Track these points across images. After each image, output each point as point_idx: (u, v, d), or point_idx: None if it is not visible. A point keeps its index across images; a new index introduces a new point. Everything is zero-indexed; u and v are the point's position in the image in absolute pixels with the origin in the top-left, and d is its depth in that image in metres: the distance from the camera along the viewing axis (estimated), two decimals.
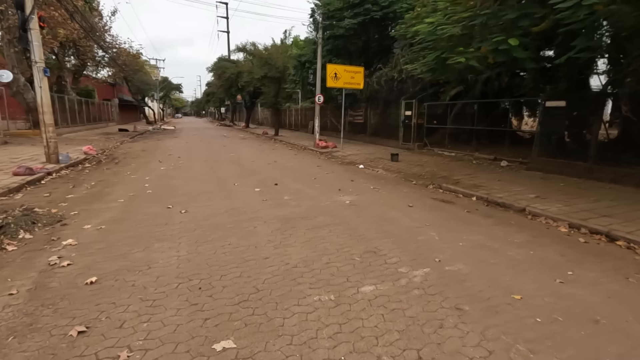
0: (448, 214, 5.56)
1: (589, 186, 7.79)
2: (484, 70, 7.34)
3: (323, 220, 4.83)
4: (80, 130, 23.78)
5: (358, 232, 4.37)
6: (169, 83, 51.03)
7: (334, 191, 6.79)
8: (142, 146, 15.76)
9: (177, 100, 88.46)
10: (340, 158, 12.97)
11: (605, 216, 5.51)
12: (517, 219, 5.53)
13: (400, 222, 4.87)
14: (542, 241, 4.45)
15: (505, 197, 6.67)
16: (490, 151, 12.69)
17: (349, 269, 3.29)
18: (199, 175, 8.30)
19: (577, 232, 5.04)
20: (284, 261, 3.43)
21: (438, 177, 8.90)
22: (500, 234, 4.66)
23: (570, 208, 5.96)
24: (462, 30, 6.66)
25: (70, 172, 9.17)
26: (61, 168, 9.43)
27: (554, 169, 9.25)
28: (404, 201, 6.22)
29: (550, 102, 9.46)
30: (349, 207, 5.62)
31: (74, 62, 25.53)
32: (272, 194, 6.34)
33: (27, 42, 9.43)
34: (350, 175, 9.08)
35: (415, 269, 3.34)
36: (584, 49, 5.28)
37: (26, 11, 9.24)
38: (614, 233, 4.77)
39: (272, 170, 9.20)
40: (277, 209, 5.33)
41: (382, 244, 3.98)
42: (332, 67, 14.52)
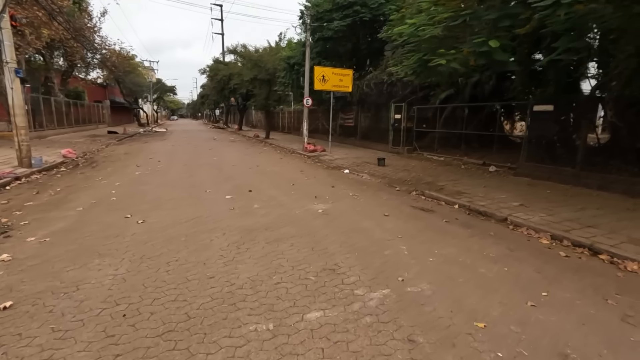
0: (425, 224, 5.26)
1: (576, 193, 7.53)
2: (466, 72, 7.07)
3: (288, 231, 4.52)
4: (67, 132, 23.37)
5: (322, 245, 4.06)
6: (163, 85, 50.63)
7: (310, 198, 6.48)
8: (127, 149, 15.40)
9: (173, 102, 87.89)
10: (326, 162, 12.67)
11: (590, 227, 5.23)
12: (498, 230, 5.24)
13: (370, 234, 4.56)
14: (520, 255, 4.15)
15: (487, 206, 6.39)
16: (480, 156, 12.43)
17: (300, 291, 2.97)
18: (173, 180, 7.97)
19: (559, 244, 4.76)
20: (230, 281, 3.11)
21: (422, 183, 8.62)
22: (476, 246, 4.36)
23: (554, 217, 5.68)
24: (442, 31, 6.39)
25: (41, 176, 8.81)
26: (32, 172, 9.08)
27: (542, 174, 9.00)
28: (381, 210, 5.92)
29: (537, 106, 9.21)
30: (320, 216, 5.32)
31: (62, 63, 25.10)
32: (242, 202, 6.02)
33: None
34: (332, 180, 8.78)
35: (374, 290, 3.03)
36: (567, 51, 5.02)
37: None
38: (597, 246, 4.49)
39: (251, 175, 8.88)
40: (242, 219, 5.02)
41: (345, 259, 3.67)
42: (319, 69, 14.25)
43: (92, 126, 30.44)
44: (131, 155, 13.11)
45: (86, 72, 27.55)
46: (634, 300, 3.10)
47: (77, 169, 10.00)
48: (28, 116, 18.32)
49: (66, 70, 25.52)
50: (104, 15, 25.43)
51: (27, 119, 18.18)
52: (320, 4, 15.95)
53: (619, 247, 4.43)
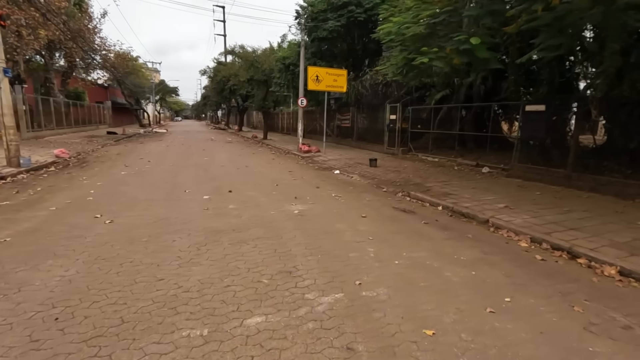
0: (401, 225, 5.12)
1: (566, 195, 7.34)
2: (455, 72, 6.92)
3: (255, 233, 4.40)
4: (66, 132, 23.47)
5: (286, 247, 3.94)
6: (165, 86, 50.86)
7: (290, 199, 6.36)
8: (121, 150, 15.39)
9: (176, 104, 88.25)
10: (319, 163, 12.56)
11: (573, 229, 5.06)
12: (477, 232, 5.09)
13: (340, 236, 4.43)
14: (493, 259, 4.00)
15: (471, 207, 6.23)
16: (475, 157, 12.24)
17: (248, 295, 2.85)
18: (156, 181, 7.89)
19: (538, 247, 4.60)
20: (178, 284, 3.00)
21: (411, 184, 8.48)
22: (448, 249, 4.21)
23: (538, 220, 5.51)
24: (425, 29, 6.26)
25: (27, 176, 8.78)
26: (19, 172, 9.05)
27: (534, 176, 8.81)
28: (360, 211, 5.79)
29: (529, 106, 9.02)
30: (294, 217, 5.19)
31: (62, 63, 25.26)
32: (219, 203, 5.92)
33: None
34: (319, 181, 8.66)
35: (326, 294, 2.90)
36: (548, 49, 4.86)
37: None
38: (576, 249, 4.32)
39: (237, 176, 8.79)
40: (212, 220, 4.91)
41: (305, 262, 3.54)
42: (313, 69, 14.15)
43: (93, 127, 30.60)
44: (123, 155, 13.09)
45: (86, 73, 27.68)
46: (602, 308, 2.94)
47: (66, 169, 9.97)
48: (25, 116, 18.52)
49: (66, 71, 25.68)
50: (104, 17, 25.64)
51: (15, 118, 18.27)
52: (315, 4, 15.89)
53: (598, 250, 4.26)
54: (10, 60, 18.50)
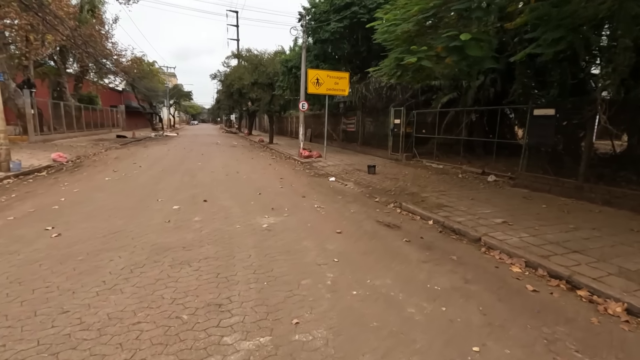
0: (378, 244, 4.57)
1: (575, 209, 6.60)
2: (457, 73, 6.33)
3: (206, 251, 3.95)
4: (76, 136, 23.78)
5: (232, 271, 3.46)
6: (179, 90, 51.53)
7: (265, 211, 5.90)
8: (121, 153, 15.34)
9: (192, 107, 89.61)
10: (316, 169, 12.07)
11: (577, 252, 4.39)
12: (465, 253, 4.49)
13: (302, 257, 3.92)
14: (473, 289, 3.41)
15: (464, 222, 5.61)
16: (483, 164, 11.49)
17: (154, 336, 2.38)
18: (134, 188, 7.57)
19: (533, 273, 3.97)
20: (82, 319, 2.57)
21: (406, 193, 7.89)
22: (423, 275, 3.64)
23: (537, 239, 4.85)
24: (414, 26, 5.71)
25: (14, 181, 8.64)
26: (7, 177, 8.93)
27: (542, 186, 8.06)
28: (337, 225, 5.26)
29: (538, 110, 8.29)
30: (259, 233, 4.72)
31: (75, 67, 25.73)
32: (186, 214, 5.50)
33: None
34: (308, 189, 8.17)
35: (250, 337, 2.40)
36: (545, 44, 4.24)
37: None
38: (576, 279, 3.67)
39: (222, 183, 8.38)
40: (167, 234, 4.49)
41: (244, 291, 3.06)
42: (313, 72, 13.71)
43: (105, 130, 31.06)
44: (120, 159, 12.96)
45: (99, 77, 28.14)
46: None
47: (56, 173, 9.82)
48: (34, 120, 18.80)
49: (78, 75, 26.15)
50: (115, 22, 26.02)
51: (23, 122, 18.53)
52: (318, 5, 15.48)
53: (603, 280, 3.61)
54: (21, 65, 18.93)
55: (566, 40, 4.03)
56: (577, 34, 4.13)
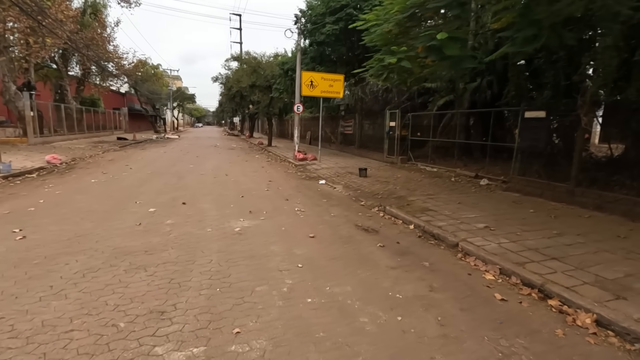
0: (349, 249, 4.43)
1: (564, 213, 6.40)
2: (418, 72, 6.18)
3: (168, 255, 3.85)
4: (77, 138, 23.95)
5: (187, 277, 3.36)
6: (182, 93, 51.86)
7: (243, 214, 5.79)
8: (117, 155, 15.37)
9: (197, 110, 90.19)
10: (309, 172, 11.97)
11: (555, 259, 4.22)
12: (440, 259, 4.34)
13: (265, 263, 3.81)
14: (437, 298, 3.27)
15: (445, 227, 5.46)
16: (478, 167, 11.31)
17: (83, 346, 2.28)
18: (117, 190, 7.52)
19: (506, 281, 3.82)
20: (14, 326, 2.47)
21: (393, 197, 7.74)
22: (387, 282, 3.51)
23: (517, 245, 4.69)
24: (394, 26, 5.59)
25: (1, 183, 8.64)
26: None
27: (534, 190, 7.87)
28: (313, 230, 5.14)
29: (529, 112, 8.11)
30: (229, 237, 4.61)
31: (77, 70, 25.97)
32: (160, 217, 5.41)
33: None
34: (294, 193, 8.06)
35: (184, 347, 2.29)
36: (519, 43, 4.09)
37: None
38: (549, 287, 3.51)
39: (207, 186, 8.30)
40: (133, 238, 4.40)
41: (193, 298, 2.95)
42: (307, 74, 13.64)
43: (107, 132, 31.29)
44: (114, 161, 12.98)
45: (101, 80, 28.36)
46: None
47: (46, 175, 9.83)
48: (34, 122, 18.95)
49: (80, 78, 26.39)
50: (117, 25, 26.27)
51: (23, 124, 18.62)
52: (314, 7, 15.44)
53: (576, 290, 3.44)
54: (21, 68, 19.15)
55: (540, 39, 3.88)
56: (553, 33, 3.97)
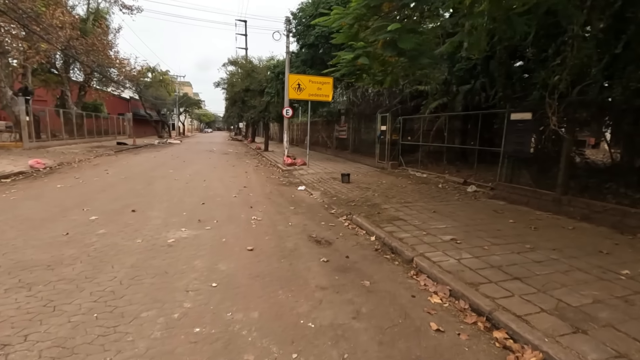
0: (285, 264, 3.95)
1: (547, 224, 5.80)
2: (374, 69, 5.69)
3: (68, 271, 3.43)
4: (76, 143, 24.04)
5: (70, 299, 2.93)
6: (189, 98, 52.23)
7: (190, 223, 5.37)
8: (105, 160, 15.22)
9: (205, 115, 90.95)
10: (292, 177, 11.54)
11: (518, 279, 3.66)
12: (385, 277, 3.83)
13: (175, 280, 3.36)
14: (357, 327, 2.76)
15: (407, 239, 4.93)
16: (470, 173, 10.71)
17: None
18: (74, 195, 7.18)
19: (453, 305, 3.29)
20: None
21: (367, 204, 7.23)
22: (306, 306, 3.02)
23: (479, 261, 4.13)
24: (351, 20, 5.14)
25: None
26: None
27: (520, 198, 7.26)
28: (257, 241, 4.69)
29: (514, 114, 7.53)
30: (156, 249, 4.18)
31: (78, 76, 26.20)
32: (95, 226, 5.01)
33: None
34: (264, 200, 7.62)
35: None
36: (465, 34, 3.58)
37: None
38: (498, 316, 2.97)
39: (173, 192, 7.88)
40: (47, 249, 4.00)
41: (54, 327, 2.52)
42: (294, 77, 13.26)
43: (110, 138, 31.47)
44: (98, 166, 12.79)
45: (103, 86, 28.60)
46: None
47: (21, 180, 9.61)
48: (29, 127, 19.05)
49: (82, 84, 26.62)
50: (118, 32, 26.50)
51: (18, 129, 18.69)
52: (304, 10, 15.12)
53: (530, 319, 2.89)
54: (16, 73, 19.33)
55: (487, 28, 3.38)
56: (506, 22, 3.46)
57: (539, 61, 7.89)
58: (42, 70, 22.20)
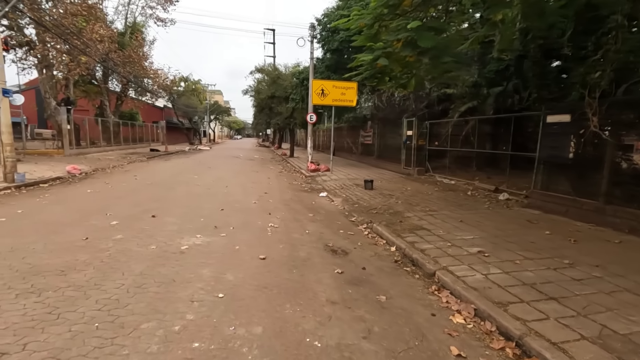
0: (296, 275, 3.77)
1: (589, 236, 5.26)
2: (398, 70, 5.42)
3: (78, 277, 3.42)
4: (112, 150, 25.22)
5: (74, 306, 2.89)
6: (219, 106, 53.74)
7: (205, 230, 5.32)
8: (136, 166, 15.77)
9: (235, 122, 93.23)
10: (315, 183, 11.39)
11: (554, 299, 3.28)
12: (403, 292, 3.55)
13: (181, 290, 3.26)
14: (367, 349, 2.52)
15: (429, 251, 4.62)
16: (502, 180, 10.10)
17: None
18: (100, 200, 7.41)
19: (478, 327, 2.96)
20: None
21: (389, 212, 6.94)
22: (313, 323, 2.81)
23: (509, 277, 3.76)
24: (370, 20, 4.95)
25: (8, 192, 8.90)
26: (7, 187, 9.28)
27: (557, 207, 6.69)
28: (270, 250, 4.54)
29: (551, 116, 6.98)
30: (168, 256, 4.13)
31: (116, 86, 27.62)
32: (112, 231, 5.05)
33: None
34: (282, 206, 7.50)
35: None
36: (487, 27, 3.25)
37: None
38: (529, 342, 2.63)
39: (193, 198, 7.95)
40: (63, 254, 4.03)
41: (53, 337, 2.46)
42: (317, 82, 13.18)
43: (144, 145, 32.86)
44: (128, 172, 13.25)
45: (139, 95, 29.96)
46: None
47: (57, 185, 10.08)
48: (70, 135, 20.21)
49: (120, 94, 28.02)
50: (153, 43, 27.72)
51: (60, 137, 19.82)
52: (329, 15, 15.08)
53: (568, 348, 2.53)
54: (60, 85, 20.61)
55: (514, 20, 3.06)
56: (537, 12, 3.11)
57: (577, 59, 7.31)
58: (83, 81, 23.54)
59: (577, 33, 6.62)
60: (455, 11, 4.45)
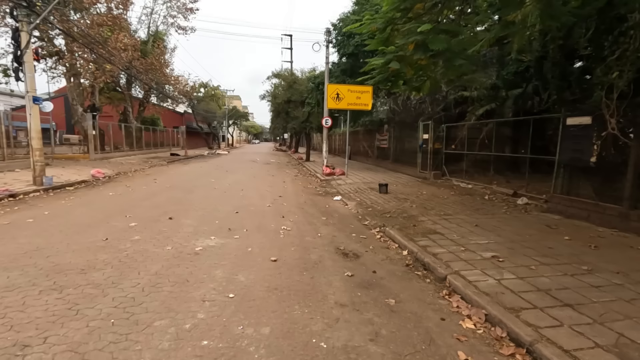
0: (306, 277, 3.81)
1: (610, 243, 5.07)
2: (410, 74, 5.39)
3: (97, 276, 3.57)
4: (135, 154, 26.04)
5: (93, 303, 3.02)
6: (237, 111, 54.65)
7: (220, 232, 5.44)
8: (157, 170, 16.25)
9: (253, 127, 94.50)
10: (330, 187, 11.44)
11: (569, 306, 3.19)
12: (413, 296, 3.53)
13: (194, 289, 3.36)
14: (374, 352, 2.53)
15: (441, 255, 4.57)
16: (522, 184, 9.87)
17: None
18: (121, 202, 7.69)
19: (488, 332, 2.92)
20: None
21: (403, 216, 6.90)
22: (321, 324, 2.84)
23: (524, 283, 3.68)
24: (382, 23, 4.98)
25: (35, 196, 9.25)
26: (36, 190, 9.71)
27: (578, 212, 6.48)
28: (282, 252, 4.60)
29: (571, 118, 6.78)
30: (183, 257, 4.25)
31: (139, 92, 28.57)
32: (131, 233, 5.23)
33: (19, 73, 10.15)
34: (297, 210, 7.57)
35: None
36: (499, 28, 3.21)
37: (21, 45, 9.98)
38: (540, 349, 2.57)
39: (210, 200, 8.14)
40: (84, 254, 4.22)
41: (72, 331, 2.58)
42: (333, 87, 13.25)
43: (165, 149, 33.76)
44: (149, 175, 13.67)
45: (160, 101, 30.90)
46: None
47: (82, 188, 10.49)
48: (95, 141, 21.02)
49: (142, 100, 28.98)
50: (174, 51, 28.56)
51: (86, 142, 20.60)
52: (345, 20, 15.16)
53: (580, 355, 2.47)
54: (86, 92, 21.52)
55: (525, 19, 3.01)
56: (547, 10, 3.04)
57: (600, 59, 7.09)
58: (107, 88, 24.49)
59: (599, 32, 6.42)
60: (469, 13, 4.42)
